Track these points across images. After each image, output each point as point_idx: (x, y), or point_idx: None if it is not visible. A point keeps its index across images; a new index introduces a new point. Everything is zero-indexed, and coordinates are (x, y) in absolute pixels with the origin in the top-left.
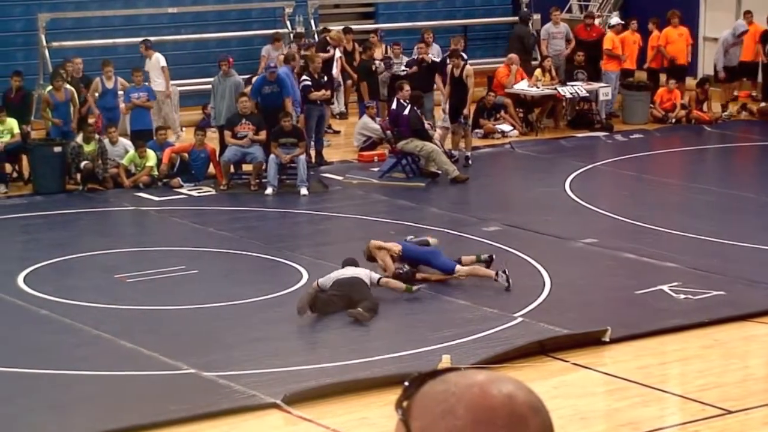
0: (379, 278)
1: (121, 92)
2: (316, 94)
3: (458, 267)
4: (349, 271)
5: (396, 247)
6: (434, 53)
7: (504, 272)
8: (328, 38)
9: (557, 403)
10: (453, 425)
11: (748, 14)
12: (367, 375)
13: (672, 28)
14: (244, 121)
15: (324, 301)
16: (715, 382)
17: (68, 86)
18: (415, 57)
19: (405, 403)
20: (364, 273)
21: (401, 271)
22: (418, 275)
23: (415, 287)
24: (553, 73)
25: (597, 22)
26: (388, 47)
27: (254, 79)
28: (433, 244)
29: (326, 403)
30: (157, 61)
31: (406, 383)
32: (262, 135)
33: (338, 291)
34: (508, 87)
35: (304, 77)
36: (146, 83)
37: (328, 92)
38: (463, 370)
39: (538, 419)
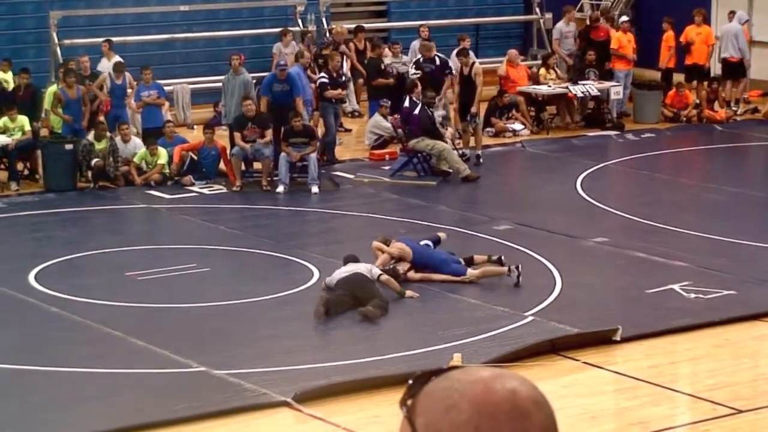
0: (380, 275)
1: (130, 90)
2: (331, 93)
3: (469, 271)
4: (350, 268)
5: (393, 251)
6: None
7: (517, 268)
8: (332, 35)
9: (567, 402)
10: (457, 420)
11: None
12: (378, 373)
13: (694, 27)
14: (249, 125)
15: (333, 301)
16: (726, 381)
17: (80, 85)
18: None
19: (409, 401)
20: (364, 268)
21: (388, 267)
22: (419, 275)
23: (408, 293)
24: (559, 71)
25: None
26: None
27: (265, 77)
28: (443, 239)
29: (337, 401)
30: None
31: (410, 381)
32: (268, 135)
33: (344, 289)
34: (501, 73)
35: (321, 75)
36: (156, 81)
37: (345, 91)
38: (467, 368)
39: (542, 414)
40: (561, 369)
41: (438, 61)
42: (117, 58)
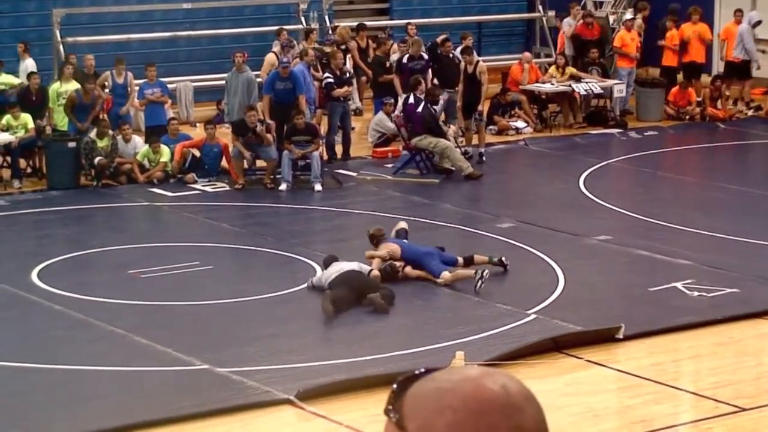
0: (370, 270)
1: (130, 89)
2: (338, 91)
3: (444, 273)
4: (340, 266)
5: (382, 252)
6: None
7: (483, 273)
8: (333, 33)
9: (570, 400)
10: (451, 420)
11: (738, 12)
12: (381, 371)
13: (690, 24)
14: (249, 134)
15: (336, 299)
16: (729, 379)
17: (96, 91)
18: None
19: (395, 406)
20: (354, 265)
21: (385, 266)
22: (417, 272)
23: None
24: (572, 71)
25: (611, 19)
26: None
27: (268, 74)
28: (401, 227)
29: (340, 400)
30: (25, 68)
31: (394, 386)
32: (268, 138)
33: (341, 287)
34: (523, 84)
35: (326, 74)
36: (159, 79)
37: (351, 89)
38: (450, 369)
39: (533, 408)
40: (564, 367)
41: (426, 57)
42: (30, 61)
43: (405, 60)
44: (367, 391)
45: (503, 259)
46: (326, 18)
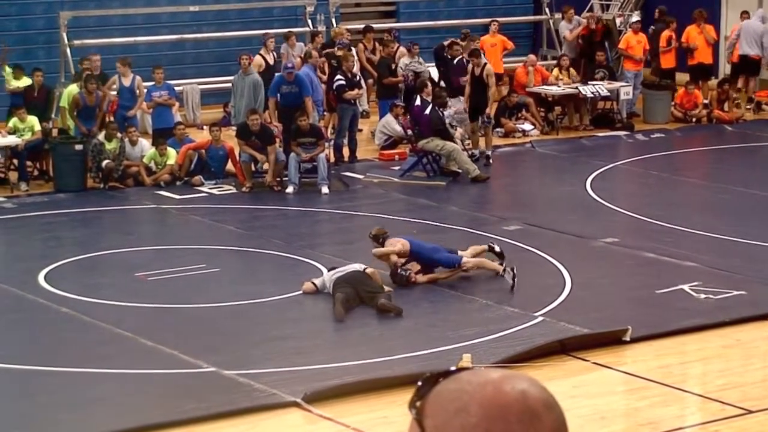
0: (365, 268)
1: (138, 91)
2: (350, 94)
3: (465, 259)
4: (342, 268)
5: (396, 247)
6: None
7: (512, 269)
8: (333, 36)
9: (577, 402)
10: (467, 422)
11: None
12: (388, 374)
13: (695, 27)
14: (253, 138)
15: (345, 299)
16: (736, 381)
17: (99, 91)
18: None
19: (418, 403)
20: (357, 265)
21: (401, 271)
22: (427, 277)
23: (387, 289)
24: (572, 72)
25: (618, 21)
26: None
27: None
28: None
29: (346, 402)
30: None
31: (420, 383)
32: (271, 151)
33: (345, 287)
34: (529, 87)
35: (338, 77)
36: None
37: (362, 91)
38: (477, 369)
39: (552, 415)
40: (571, 369)
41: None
42: None
43: (467, 59)
44: (374, 394)
45: (496, 248)
46: (333, 20)
